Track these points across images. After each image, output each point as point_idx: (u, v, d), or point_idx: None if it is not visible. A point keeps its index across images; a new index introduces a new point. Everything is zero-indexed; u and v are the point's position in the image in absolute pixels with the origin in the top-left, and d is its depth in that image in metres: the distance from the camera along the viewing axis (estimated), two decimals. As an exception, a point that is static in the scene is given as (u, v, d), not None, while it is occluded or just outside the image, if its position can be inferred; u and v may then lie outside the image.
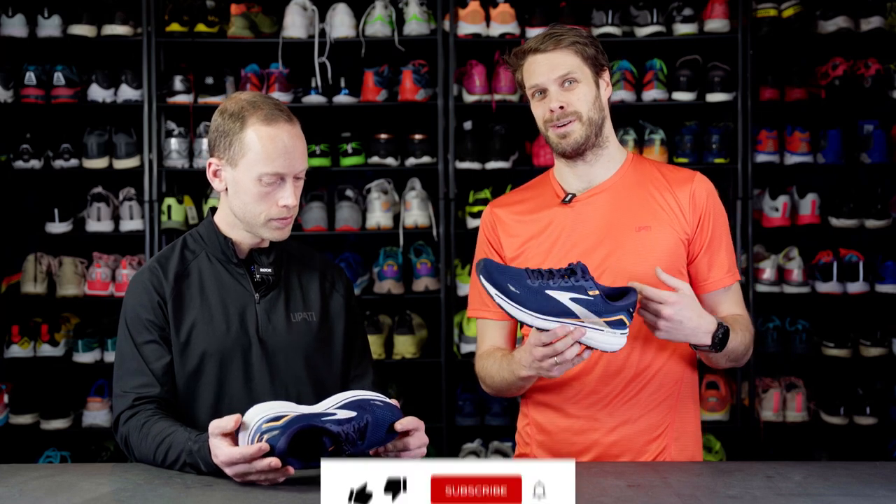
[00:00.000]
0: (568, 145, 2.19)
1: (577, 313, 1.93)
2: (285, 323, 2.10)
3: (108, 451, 4.25)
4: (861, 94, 4.19)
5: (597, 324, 1.95)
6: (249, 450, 1.76)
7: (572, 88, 2.18)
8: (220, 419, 1.82)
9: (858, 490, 1.78)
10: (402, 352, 4.17)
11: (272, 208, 2.05)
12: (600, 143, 2.23)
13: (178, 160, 4.22)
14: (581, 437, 2.21)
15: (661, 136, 4.23)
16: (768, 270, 4.23)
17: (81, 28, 4.22)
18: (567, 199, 2.24)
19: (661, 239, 2.19)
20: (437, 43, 4.22)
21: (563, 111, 2.17)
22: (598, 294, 1.94)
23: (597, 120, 2.20)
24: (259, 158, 2.02)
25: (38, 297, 4.24)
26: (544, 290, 1.92)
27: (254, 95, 2.09)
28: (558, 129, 2.19)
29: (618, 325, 1.96)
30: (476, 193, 4.27)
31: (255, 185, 2.03)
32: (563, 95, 2.17)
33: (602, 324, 1.95)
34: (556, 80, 2.17)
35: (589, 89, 2.19)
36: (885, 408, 4.18)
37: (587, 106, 2.18)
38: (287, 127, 2.04)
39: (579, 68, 2.18)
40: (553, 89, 2.18)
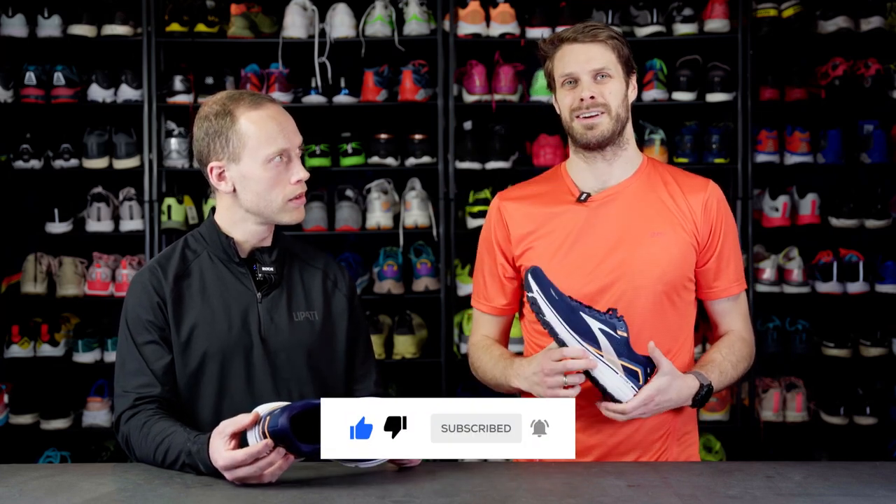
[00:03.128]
0: (593, 137, 2.18)
1: (601, 345, 1.99)
2: (287, 322, 2.10)
3: (108, 451, 4.25)
4: (861, 94, 4.19)
5: (614, 364, 2.00)
6: (255, 448, 1.75)
7: (604, 82, 2.17)
8: (235, 417, 1.81)
9: (858, 490, 1.78)
10: (402, 352, 4.17)
11: (287, 188, 2.06)
12: (621, 144, 2.22)
13: (178, 160, 4.22)
14: (586, 435, 2.21)
15: (661, 136, 4.24)
16: (768, 270, 4.22)
17: (81, 28, 4.22)
18: (583, 198, 2.22)
19: (673, 245, 2.19)
20: (437, 43, 4.21)
21: (593, 101, 2.16)
22: (625, 336, 1.99)
23: (623, 117, 2.20)
24: (261, 142, 2.03)
25: (38, 297, 4.24)
26: (579, 312, 2.00)
27: (229, 92, 2.11)
28: (585, 119, 2.18)
29: (632, 376, 2.00)
30: (476, 193, 4.27)
31: (265, 170, 2.04)
32: (595, 87, 2.17)
33: (619, 366, 2.00)
34: (590, 71, 2.17)
35: (620, 86, 2.19)
36: (885, 408, 4.18)
37: (617, 101, 2.18)
38: (273, 106, 2.08)
39: (614, 65, 2.18)
40: (585, 79, 2.17)
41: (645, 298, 2.15)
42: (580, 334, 1.98)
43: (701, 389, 2.11)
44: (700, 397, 2.11)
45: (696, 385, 2.11)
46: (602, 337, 1.98)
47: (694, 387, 2.10)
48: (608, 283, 2.16)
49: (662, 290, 2.15)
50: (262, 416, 1.78)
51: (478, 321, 2.36)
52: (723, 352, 2.20)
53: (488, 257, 2.32)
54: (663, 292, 2.16)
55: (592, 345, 1.98)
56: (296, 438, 1.73)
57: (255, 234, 2.12)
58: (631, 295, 2.15)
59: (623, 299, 2.14)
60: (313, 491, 1.75)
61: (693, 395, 2.10)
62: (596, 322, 1.99)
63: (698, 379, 2.12)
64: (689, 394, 2.10)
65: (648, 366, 2.03)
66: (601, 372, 1.99)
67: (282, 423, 1.72)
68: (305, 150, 4.16)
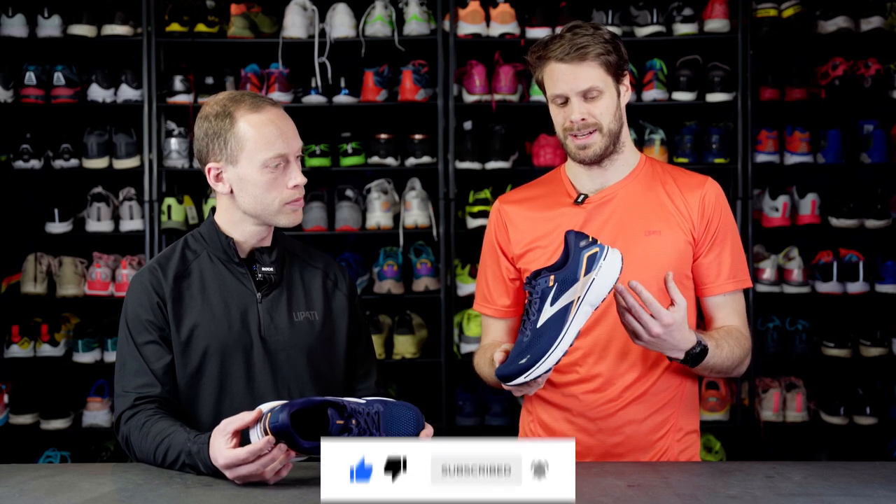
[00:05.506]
0: (587, 156, 2.18)
1: (567, 302, 1.91)
2: (287, 322, 2.10)
3: (108, 451, 4.25)
4: (861, 94, 4.19)
5: (585, 285, 1.92)
6: (256, 445, 1.75)
7: (595, 100, 2.15)
8: (238, 415, 1.80)
9: (858, 490, 1.78)
10: (402, 352, 4.18)
11: (284, 192, 2.06)
12: (617, 149, 2.22)
13: (178, 160, 4.22)
14: (586, 435, 2.21)
15: (661, 136, 4.24)
16: (768, 270, 4.22)
17: (81, 28, 4.22)
18: (580, 200, 2.23)
19: (670, 243, 2.19)
20: (437, 43, 4.21)
21: (584, 122, 2.16)
22: (553, 276, 1.91)
23: (616, 130, 2.19)
24: (259, 146, 2.03)
25: (38, 297, 4.24)
26: (535, 328, 1.92)
27: (231, 92, 2.11)
28: (578, 139, 2.17)
29: (593, 261, 1.92)
30: (476, 193, 4.27)
31: (262, 174, 2.04)
32: (585, 107, 2.15)
33: (586, 280, 1.91)
34: (579, 92, 2.14)
35: (611, 100, 2.17)
36: (885, 408, 4.18)
37: (609, 117, 2.17)
38: (274, 110, 2.07)
39: (602, 80, 2.15)
40: (575, 100, 2.15)
41: None
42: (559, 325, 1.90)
43: (696, 346, 2.07)
44: (693, 354, 2.07)
45: (694, 340, 2.07)
46: (558, 303, 1.90)
47: (692, 341, 2.06)
48: None
49: (660, 289, 2.15)
50: (263, 414, 1.78)
51: (485, 327, 2.38)
52: (721, 332, 2.19)
53: (491, 260, 2.33)
54: (661, 290, 2.16)
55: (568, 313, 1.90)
56: (297, 434, 1.73)
57: (255, 234, 2.12)
58: None
59: None
60: (314, 491, 1.74)
61: (687, 349, 2.06)
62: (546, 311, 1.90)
63: (696, 336, 2.08)
64: (685, 346, 2.05)
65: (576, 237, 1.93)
66: (596, 296, 1.91)
67: (282, 420, 1.72)
68: (305, 151, 4.16)
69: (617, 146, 2.21)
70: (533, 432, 2.32)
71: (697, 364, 2.09)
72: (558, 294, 1.91)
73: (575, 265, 1.92)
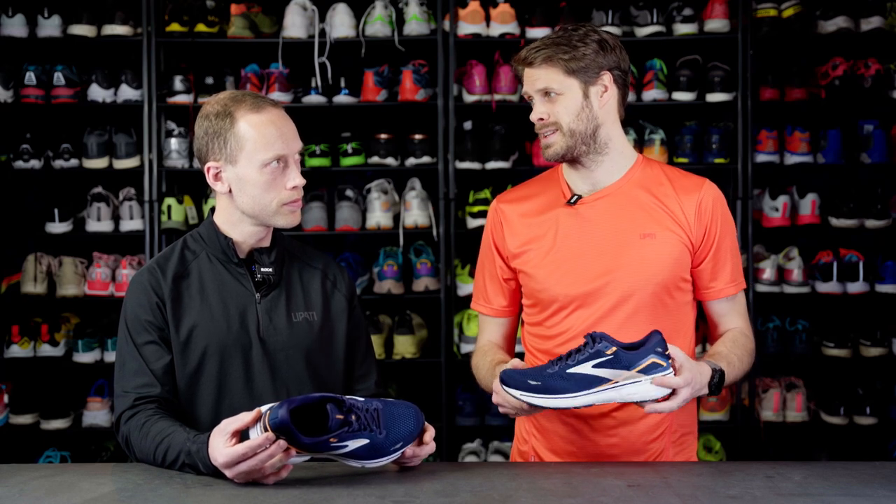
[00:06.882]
0: (549, 155, 2.21)
1: (606, 376, 1.92)
2: (286, 323, 2.10)
3: (108, 451, 4.25)
4: (861, 94, 4.19)
5: (630, 378, 1.93)
6: (256, 441, 1.75)
7: (555, 100, 2.18)
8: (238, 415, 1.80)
9: (858, 490, 1.78)
10: (402, 352, 4.18)
11: (282, 193, 2.05)
12: (598, 150, 2.21)
13: (178, 160, 4.22)
14: (581, 436, 2.21)
15: (661, 136, 4.24)
16: (768, 270, 4.23)
17: (81, 28, 4.22)
18: (572, 201, 2.23)
19: (665, 247, 2.18)
20: (437, 43, 4.22)
21: (542, 122, 2.19)
22: (616, 350, 1.93)
23: (582, 130, 2.18)
24: (258, 146, 2.03)
25: (38, 297, 4.24)
26: (565, 371, 1.93)
27: (232, 92, 2.10)
28: (542, 138, 2.22)
29: (653, 369, 1.93)
30: (476, 193, 4.27)
31: (261, 175, 2.04)
32: (544, 106, 2.19)
33: (636, 374, 1.93)
34: (537, 91, 2.19)
35: (573, 101, 2.17)
36: (885, 408, 4.19)
37: (569, 118, 2.17)
38: (275, 110, 2.07)
39: (560, 82, 2.16)
40: (536, 99, 2.21)
41: (637, 300, 2.15)
42: (585, 387, 1.92)
43: (714, 375, 2.06)
44: (714, 383, 2.06)
45: (709, 371, 2.06)
46: (600, 370, 1.92)
47: (707, 373, 2.05)
48: (599, 286, 2.16)
49: (654, 292, 2.15)
50: (263, 413, 1.78)
51: (482, 326, 2.38)
52: (727, 345, 2.19)
53: (488, 259, 2.34)
54: (656, 294, 2.15)
55: (602, 383, 1.93)
56: (300, 434, 1.73)
57: (254, 234, 2.12)
58: (622, 297, 2.15)
59: (615, 302, 2.15)
60: (313, 491, 1.75)
61: (707, 382, 2.05)
62: (585, 364, 1.93)
63: (709, 365, 2.08)
64: (705, 380, 2.04)
65: (656, 345, 1.95)
66: (630, 393, 1.93)
67: (282, 416, 1.72)
68: (305, 151, 4.16)
69: (596, 146, 2.20)
70: (528, 432, 2.32)
71: (721, 390, 2.10)
72: (606, 365, 1.92)
73: (638, 358, 1.93)
